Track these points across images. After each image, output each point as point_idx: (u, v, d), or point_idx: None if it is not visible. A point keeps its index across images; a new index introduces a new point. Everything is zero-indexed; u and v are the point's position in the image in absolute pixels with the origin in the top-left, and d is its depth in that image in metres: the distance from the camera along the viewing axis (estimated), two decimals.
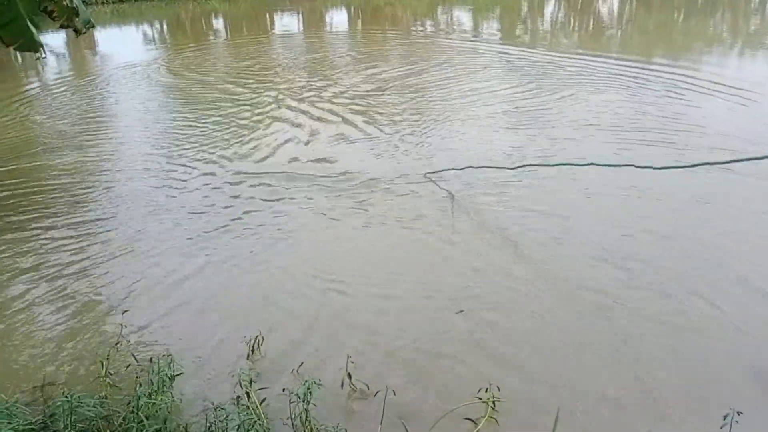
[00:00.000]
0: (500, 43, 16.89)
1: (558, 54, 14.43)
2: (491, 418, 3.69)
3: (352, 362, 4.02)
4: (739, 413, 3.04)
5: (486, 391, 3.76)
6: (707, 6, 23.30)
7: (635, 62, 13.05)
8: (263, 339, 4.42)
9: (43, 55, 8.08)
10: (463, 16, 23.20)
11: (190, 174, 7.90)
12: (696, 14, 21.49)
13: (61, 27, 7.86)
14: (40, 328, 4.80)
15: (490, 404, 3.73)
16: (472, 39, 17.71)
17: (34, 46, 7.05)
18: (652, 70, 12.32)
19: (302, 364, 4.21)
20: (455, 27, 20.63)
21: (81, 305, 5.09)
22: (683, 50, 15.29)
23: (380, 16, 23.96)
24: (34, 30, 6.93)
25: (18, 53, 15.33)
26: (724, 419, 3.04)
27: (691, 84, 11.02)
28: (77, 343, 4.62)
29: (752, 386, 3.98)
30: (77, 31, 7.68)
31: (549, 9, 24.66)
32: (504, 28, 20.11)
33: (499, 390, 3.78)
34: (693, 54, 14.67)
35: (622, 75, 11.96)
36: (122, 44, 18.98)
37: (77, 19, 7.34)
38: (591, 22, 20.89)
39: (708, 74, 11.77)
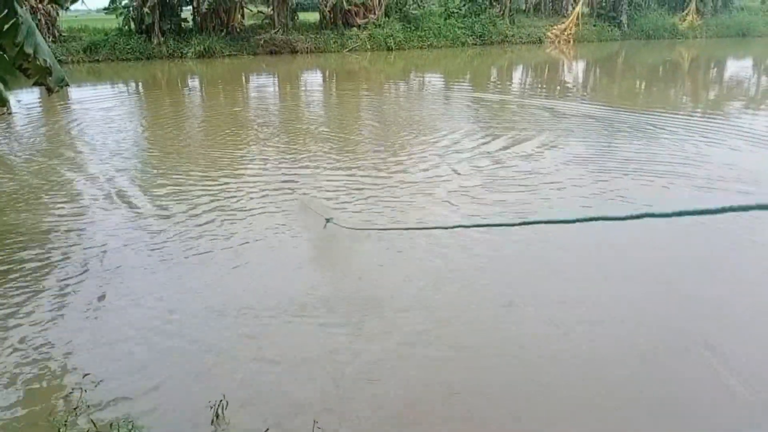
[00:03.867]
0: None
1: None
2: None
3: (319, 428, 3.92)
4: None
5: None
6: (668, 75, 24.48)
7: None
8: (227, 403, 4.28)
9: (9, 111, 8.07)
10: (435, 80, 23.89)
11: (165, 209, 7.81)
12: (657, 82, 22.52)
13: (35, 84, 7.86)
14: None
15: None
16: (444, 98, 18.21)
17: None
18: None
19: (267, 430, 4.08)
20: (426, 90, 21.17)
21: (38, 366, 4.90)
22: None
23: (354, 78, 24.51)
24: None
25: None
26: None
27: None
28: (34, 407, 4.43)
29: None
30: (50, 90, 7.69)
31: (517, 75, 25.55)
32: (474, 85, 20.70)
33: None
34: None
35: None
36: (95, 101, 18.95)
37: (50, 78, 7.36)
38: (558, 89, 21.65)
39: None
